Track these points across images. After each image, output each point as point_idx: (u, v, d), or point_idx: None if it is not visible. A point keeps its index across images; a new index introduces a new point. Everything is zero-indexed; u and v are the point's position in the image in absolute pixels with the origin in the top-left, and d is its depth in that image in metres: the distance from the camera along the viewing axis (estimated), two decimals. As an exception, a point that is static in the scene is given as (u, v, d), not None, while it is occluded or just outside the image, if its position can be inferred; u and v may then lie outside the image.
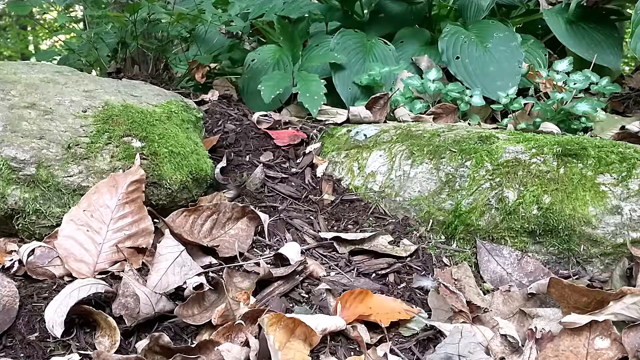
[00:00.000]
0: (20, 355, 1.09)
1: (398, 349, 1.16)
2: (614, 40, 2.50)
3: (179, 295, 1.25)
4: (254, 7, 2.66)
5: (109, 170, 1.43)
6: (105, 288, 1.19)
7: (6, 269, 1.29)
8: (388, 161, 1.73)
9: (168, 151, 1.51)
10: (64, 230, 1.33)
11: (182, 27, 2.55)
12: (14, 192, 1.36)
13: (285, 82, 2.29)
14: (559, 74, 2.17)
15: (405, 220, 1.62)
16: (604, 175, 1.48)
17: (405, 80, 2.29)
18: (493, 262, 1.45)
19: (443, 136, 1.72)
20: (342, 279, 1.38)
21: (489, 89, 2.27)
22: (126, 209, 1.37)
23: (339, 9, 2.87)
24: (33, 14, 5.12)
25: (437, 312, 1.27)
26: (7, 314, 1.15)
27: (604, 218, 1.43)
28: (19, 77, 1.60)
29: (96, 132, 1.46)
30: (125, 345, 1.14)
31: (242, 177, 1.75)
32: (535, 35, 2.75)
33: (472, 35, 2.46)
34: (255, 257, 1.41)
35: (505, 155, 1.58)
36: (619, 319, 1.12)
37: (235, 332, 1.14)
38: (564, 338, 1.11)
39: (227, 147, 1.94)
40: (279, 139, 1.99)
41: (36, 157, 1.38)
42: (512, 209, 1.49)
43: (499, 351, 1.12)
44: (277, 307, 1.23)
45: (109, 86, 1.69)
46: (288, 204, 1.69)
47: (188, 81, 2.69)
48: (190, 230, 1.45)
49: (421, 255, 1.49)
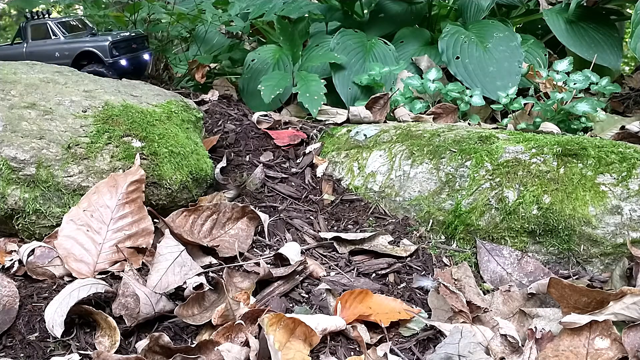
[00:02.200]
0: (20, 355, 1.09)
1: (398, 349, 1.16)
2: (613, 40, 2.50)
3: (179, 295, 1.25)
4: (254, 7, 2.66)
5: (109, 170, 1.43)
6: (105, 288, 1.19)
7: (6, 269, 1.29)
8: (388, 161, 1.73)
9: (168, 151, 1.51)
10: (64, 230, 1.33)
11: (182, 27, 2.55)
12: (14, 192, 1.36)
13: (285, 82, 2.29)
14: (559, 74, 2.17)
15: (405, 220, 1.62)
16: (604, 175, 1.48)
17: (405, 80, 2.29)
18: (493, 262, 1.45)
19: (443, 136, 1.72)
20: (342, 279, 1.38)
21: (489, 89, 2.27)
22: (126, 209, 1.37)
23: (339, 9, 2.87)
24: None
25: (437, 312, 1.27)
26: (7, 314, 1.15)
27: (604, 218, 1.43)
28: (19, 77, 1.60)
29: (96, 132, 1.46)
30: (125, 345, 1.14)
31: (242, 177, 1.75)
32: (535, 35, 2.75)
33: (472, 35, 2.46)
34: (255, 257, 1.41)
35: (505, 155, 1.58)
36: (619, 319, 1.12)
37: (235, 332, 1.14)
38: (564, 338, 1.11)
39: (227, 147, 1.94)
40: (278, 139, 1.99)
41: (36, 157, 1.38)
42: (512, 209, 1.49)
43: (499, 351, 1.12)
44: (277, 307, 1.23)
45: (109, 86, 1.69)
46: (288, 204, 1.69)
47: (188, 81, 2.69)
48: (190, 230, 1.45)
49: (421, 255, 1.49)
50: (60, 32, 2.13)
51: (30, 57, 2.05)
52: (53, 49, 2.10)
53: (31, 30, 2.14)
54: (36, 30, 2.14)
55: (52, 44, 2.12)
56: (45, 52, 2.10)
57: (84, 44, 2.09)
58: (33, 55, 2.07)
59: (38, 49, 2.12)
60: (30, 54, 2.10)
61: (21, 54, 2.11)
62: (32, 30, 2.14)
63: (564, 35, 2.46)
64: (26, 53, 2.12)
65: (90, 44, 2.08)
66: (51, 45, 2.11)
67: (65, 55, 2.09)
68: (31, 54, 2.10)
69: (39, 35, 2.14)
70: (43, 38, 2.13)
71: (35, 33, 2.14)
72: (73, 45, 2.10)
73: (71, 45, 2.10)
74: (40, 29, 2.14)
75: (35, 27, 2.14)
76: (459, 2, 2.76)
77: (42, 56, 2.04)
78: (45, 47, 2.11)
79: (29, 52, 2.12)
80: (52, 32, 2.12)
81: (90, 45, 2.08)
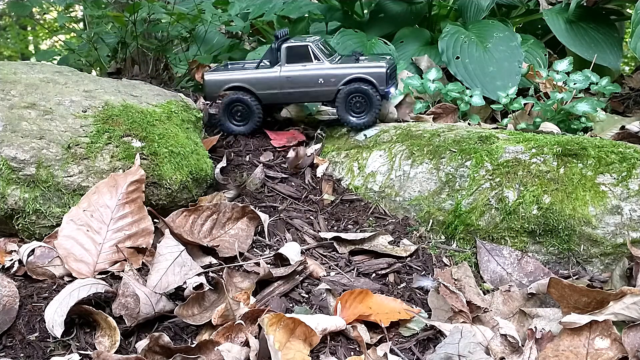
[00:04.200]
0: (20, 355, 1.09)
1: (398, 349, 1.16)
2: (613, 40, 2.50)
3: (179, 295, 1.25)
4: (254, 7, 2.66)
5: (109, 170, 1.43)
6: (105, 288, 1.19)
7: (6, 269, 1.29)
8: (388, 161, 1.73)
9: (168, 151, 1.51)
10: (64, 230, 1.33)
11: (182, 27, 2.55)
12: (14, 192, 1.36)
13: (285, 82, 2.28)
14: (559, 74, 2.17)
15: (405, 220, 1.62)
16: (604, 175, 1.48)
17: (405, 80, 2.29)
18: (493, 262, 1.45)
19: (443, 136, 1.72)
20: (342, 279, 1.38)
21: (489, 89, 2.27)
22: (126, 209, 1.37)
23: (339, 9, 2.87)
24: (33, 14, 5.12)
25: (437, 312, 1.27)
26: (7, 314, 1.15)
27: (604, 218, 1.43)
28: (19, 77, 1.60)
29: (96, 132, 1.46)
30: (125, 345, 1.14)
31: (242, 177, 1.75)
32: (535, 35, 2.74)
33: (472, 35, 2.46)
34: (255, 257, 1.41)
35: (505, 155, 1.58)
36: (619, 319, 1.12)
37: (235, 332, 1.14)
38: (564, 338, 1.11)
39: (227, 147, 1.94)
40: (275, 140, 1.99)
41: (36, 157, 1.38)
42: (512, 209, 1.49)
43: (499, 351, 1.12)
44: (277, 307, 1.23)
45: (109, 86, 1.69)
46: (288, 204, 1.69)
47: (188, 81, 2.68)
48: (190, 230, 1.45)
49: (421, 255, 1.49)
50: (323, 55, 1.89)
51: (287, 82, 1.87)
52: (316, 74, 1.86)
53: (286, 52, 1.88)
54: (293, 52, 1.88)
55: (314, 68, 1.86)
56: (306, 77, 1.87)
57: (355, 70, 1.85)
58: (290, 80, 1.87)
59: (296, 74, 1.87)
60: (287, 79, 1.87)
61: (277, 79, 1.88)
62: (288, 52, 1.88)
63: (564, 35, 2.46)
64: (282, 77, 1.88)
65: (364, 70, 1.84)
66: (313, 70, 1.86)
67: (331, 82, 1.85)
68: (288, 78, 1.87)
69: (296, 58, 1.88)
70: (301, 61, 1.87)
71: (292, 56, 1.88)
72: (341, 71, 1.86)
73: (339, 71, 1.86)
74: (298, 51, 1.88)
75: (291, 48, 1.88)
76: (459, 2, 2.76)
77: (300, 82, 1.87)
78: (306, 72, 1.86)
79: (284, 76, 1.88)
80: (314, 55, 1.87)
81: (364, 72, 1.84)
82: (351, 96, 1.85)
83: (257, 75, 1.92)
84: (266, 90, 1.91)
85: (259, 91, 1.91)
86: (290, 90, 1.90)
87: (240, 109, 1.94)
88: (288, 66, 1.89)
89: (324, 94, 1.89)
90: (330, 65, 1.88)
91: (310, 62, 1.88)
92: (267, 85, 1.90)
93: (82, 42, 2.86)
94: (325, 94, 1.88)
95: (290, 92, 1.90)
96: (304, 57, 1.88)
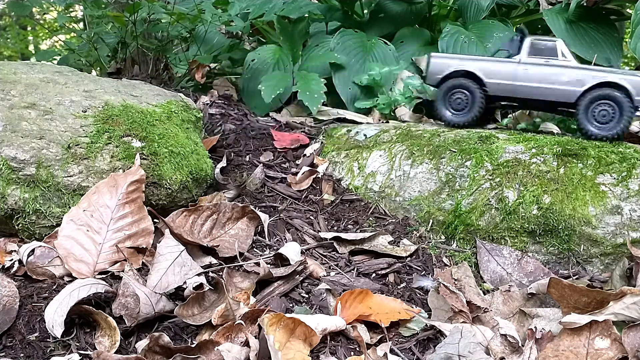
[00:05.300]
0: (20, 355, 1.09)
1: (398, 349, 1.16)
2: (613, 40, 2.50)
3: (179, 295, 1.25)
4: (254, 7, 2.66)
5: (109, 170, 1.43)
6: (105, 288, 1.19)
7: (6, 269, 1.29)
8: (388, 161, 1.73)
9: (168, 151, 1.51)
10: (64, 230, 1.33)
11: (182, 27, 2.55)
12: (14, 192, 1.36)
13: (285, 82, 2.29)
14: (560, 73, 2.16)
15: (405, 220, 1.62)
16: (604, 175, 1.48)
17: (406, 80, 2.29)
18: (493, 262, 1.45)
19: (443, 136, 1.72)
20: (342, 279, 1.38)
21: (490, 88, 2.27)
22: (126, 209, 1.37)
23: (339, 9, 2.87)
24: (33, 14, 5.12)
25: (437, 312, 1.27)
26: (7, 314, 1.15)
27: (604, 218, 1.43)
28: (19, 77, 1.60)
29: (96, 132, 1.46)
30: (125, 345, 1.14)
31: (242, 177, 1.75)
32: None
33: (472, 35, 2.46)
34: (255, 257, 1.41)
35: (505, 155, 1.58)
36: (619, 319, 1.12)
37: (235, 332, 1.14)
38: (564, 338, 1.11)
39: (227, 147, 1.94)
40: (278, 142, 1.99)
41: (36, 157, 1.38)
42: (512, 209, 1.49)
43: (499, 351, 1.12)
44: (277, 307, 1.23)
45: (109, 86, 1.69)
46: (288, 204, 1.69)
47: (188, 81, 2.69)
48: (190, 230, 1.45)
49: (421, 255, 1.49)
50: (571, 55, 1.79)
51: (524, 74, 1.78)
52: (559, 71, 1.75)
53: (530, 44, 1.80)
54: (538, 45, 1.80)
55: (559, 65, 1.76)
56: (548, 73, 1.76)
57: (607, 74, 1.72)
58: (528, 72, 1.78)
59: (537, 67, 1.77)
60: (525, 71, 1.78)
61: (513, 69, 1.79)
62: (532, 45, 1.80)
63: (564, 35, 2.46)
64: (519, 68, 1.79)
65: (619, 77, 1.71)
66: (557, 66, 1.76)
67: (576, 81, 1.73)
68: (526, 70, 1.78)
69: (540, 52, 1.79)
70: (545, 56, 1.78)
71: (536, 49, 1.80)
72: (591, 72, 1.74)
73: (587, 73, 1.74)
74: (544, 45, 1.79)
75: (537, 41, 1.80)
76: (459, 2, 2.76)
77: (539, 76, 1.77)
78: (549, 67, 1.77)
79: (523, 68, 1.78)
80: (562, 52, 1.77)
81: (620, 79, 1.70)
82: (597, 103, 1.72)
83: (491, 61, 1.84)
84: (497, 79, 1.80)
85: (489, 79, 1.81)
86: (525, 83, 1.78)
87: (460, 98, 1.83)
88: (529, 58, 1.79)
89: (563, 95, 1.75)
90: (578, 64, 1.78)
91: (555, 58, 1.78)
92: (499, 74, 1.80)
93: (82, 42, 2.86)
94: (565, 94, 1.75)
95: (523, 85, 1.79)
96: (549, 53, 1.79)
